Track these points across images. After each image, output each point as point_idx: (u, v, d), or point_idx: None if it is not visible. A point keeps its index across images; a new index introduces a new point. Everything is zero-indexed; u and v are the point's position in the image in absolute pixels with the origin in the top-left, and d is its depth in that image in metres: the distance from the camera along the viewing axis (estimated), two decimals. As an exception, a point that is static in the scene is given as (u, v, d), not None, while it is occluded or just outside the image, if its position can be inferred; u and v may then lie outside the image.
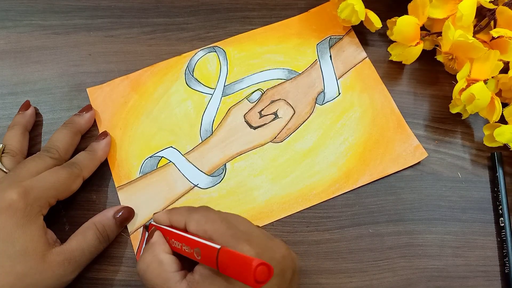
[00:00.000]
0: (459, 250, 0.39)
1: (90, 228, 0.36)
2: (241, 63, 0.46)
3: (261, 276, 0.24)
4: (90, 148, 0.40)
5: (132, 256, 0.38)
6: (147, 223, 0.39)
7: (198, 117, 0.43)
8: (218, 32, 0.47)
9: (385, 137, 0.43)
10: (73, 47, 0.46)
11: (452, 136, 0.43)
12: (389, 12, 0.47)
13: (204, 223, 0.30)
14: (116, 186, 0.41)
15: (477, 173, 0.42)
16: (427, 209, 0.41)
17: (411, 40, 0.42)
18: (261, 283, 0.24)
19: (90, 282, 0.37)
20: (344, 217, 0.40)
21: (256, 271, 0.24)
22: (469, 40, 0.38)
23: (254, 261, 0.24)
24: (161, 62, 0.45)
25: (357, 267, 0.39)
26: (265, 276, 0.24)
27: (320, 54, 0.46)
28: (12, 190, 0.33)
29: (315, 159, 0.42)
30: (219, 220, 0.30)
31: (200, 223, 0.31)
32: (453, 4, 0.41)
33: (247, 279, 0.24)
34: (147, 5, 0.48)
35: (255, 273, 0.24)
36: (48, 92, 0.44)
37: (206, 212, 0.32)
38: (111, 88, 0.44)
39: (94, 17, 0.47)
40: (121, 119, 0.43)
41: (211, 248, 0.28)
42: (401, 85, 0.45)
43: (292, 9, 0.48)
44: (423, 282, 0.38)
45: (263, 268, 0.24)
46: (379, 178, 0.41)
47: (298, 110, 0.44)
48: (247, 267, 0.24)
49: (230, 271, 0.26)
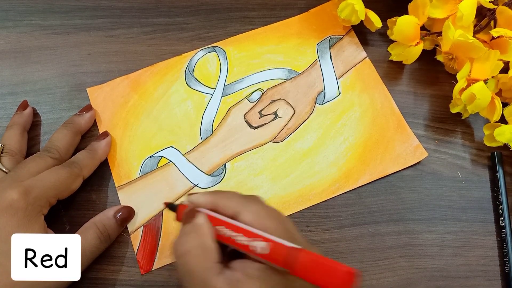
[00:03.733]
0: (459, 250, 0.39)
1: (91, 228, 0.36)
2: (241, 63, 0.46)
3: (349, 284, 0.23)
4: (90, 147, 0.40)
5: (132, 256, 0.38)
6: (174, 203, 0.33)
7: (198, 117, 0.43)
8: (218, 32, 0.47)
9: (385, 137, 0.43)
10: (73, 47, 0.46)
11: (452, 136, 0.43)
12: (389, 11, 0.47)
13: (264, 217, 0.28)
14: (116, 186, 0.41)
15: (477, 172, 0.42)
16: (427, 208, 0.41)
17: (411, 40, 0.42)
18: None
19: (90, 282, 0.37)
20: (344, 217, 0.40)
21: (345, 277, 0.23)
22: (469, 40, 0.38)
23: (342, 267, 0.23)
24: (161, 62, 0.45)
25: (357, 267, 0.38)
26: (353, 284, 0.23)
27: (320, 54, 0.46)
28: (13, 190, 0.33)
29: (315, 159, 0.42)
30: (276, 217, 0.28)
31: (260, 215, 0.28)
32: (453, 4, 0.41)
33: (333, 285, 0.23)
34: (147, 5, 0.48)
35: (343, 280, 0.23)
36: (48, 92, 0.44)
37: (264, 205, 0.29)
38: (111, 88, 0.44)
39: (94, 17, 0.47)
40: (121, 119, 0.43)
41: (287, 248, 0.25)
42: (401, 85, 0.45)
43: (292, 9, 0.48)
44: (423, 282, 0.38)
45: (351, 276, 0.23)
46: (379, 178, 0.41)
47: (298, 110, 0.44)
48: (335, 274, 0.23)
49: (310, 276, 0.24)
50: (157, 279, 0.38)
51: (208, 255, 0.27)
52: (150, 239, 0.39)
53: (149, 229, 0.39)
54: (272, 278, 0.26)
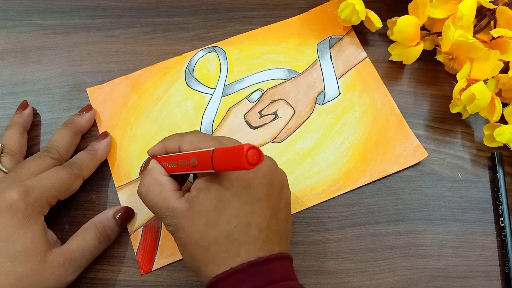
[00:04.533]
0: (459, 250, 0.39)
1: (90, 228, 0.36)
2: (241, 63, 0.46)
3: (253, 158, 0.26)
4: (90, 148, 0.40)
5: (132, 256, 0.38)
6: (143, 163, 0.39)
7: (198, 117, 0.43)
8: (218, 32, 0.47)
9: (385, 137, 0.43)
10: (73, 47, 0.46)
11: (452, 136, 0.43)
12: (389, 12, 0.47)
13: (197, 142, 0.32)
14: (116, 186, 0.41)
15: (477, 173, 0.42)
16: (427, 209, 0.41)
17: (411, 40, 0.42)
18: (253, 164, 0.26)
19: (90, 282, 0.37)
20: (344, 217, 0.40)
21: (248, 153, 0.25)
22: (469, 40, 0.38)
23: (245, 146, 0.26)
24: (161, 62, 0.45)
25: (357, 267, 0.39)
26: (257, 158, 0.26)
27: (320, 54, 0.46)
28: (13, 190, 0.33)
29: (315, 159, 0.42)
30: (210, 138, 0.33)
31: (193, 142, 0.33)
32: (453, 4, 0.41)
33: (241, 164, 0.26)
34: (147, 5, 0.48)
35: (247, 156, 0.25)
36: (48, 92, 0.44)
37: (198, 133, 0.34)
38: (111, 88, 0.44)
39: (94, 17, 0.47)
40: (121, 119, 0.43)
41: (206, 152, 0.29)
42: (401, 85, 0.45)
43: (292, 9, 0.48)
44: (423, 282, 0.38)
45: (253, 151, 0.26)
46: (379, 178, 0.41)
47: (298, 110, 0.44)
48: (239, 153, 0.26)
49: (224, 164, 0.28)
50: (157, 279, 0.38)
51: (163, 187, 0.32)
52: (150, 240, 0.39)
53: (149, 229, 0.39)
54: (213, 184, 0.30)
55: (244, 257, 0.29)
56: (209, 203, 0.30)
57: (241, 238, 0.30)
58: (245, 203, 0.30)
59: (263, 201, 0.31)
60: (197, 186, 0.31)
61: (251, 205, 0.30)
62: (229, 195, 0.30)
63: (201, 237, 0.30)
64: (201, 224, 0.30)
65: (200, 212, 0.30)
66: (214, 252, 0.30)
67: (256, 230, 0.30)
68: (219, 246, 0.30)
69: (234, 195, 0.30)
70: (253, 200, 0.30)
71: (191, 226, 0.30)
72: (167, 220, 0.32)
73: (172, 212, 0.31)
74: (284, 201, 0.33)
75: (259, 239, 0.30)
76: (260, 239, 0.30)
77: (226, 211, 0.30)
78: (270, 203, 0.31)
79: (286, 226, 0.33)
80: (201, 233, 0.30)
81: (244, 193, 0.30)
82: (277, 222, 0.31)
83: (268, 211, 0.31)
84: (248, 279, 0.29)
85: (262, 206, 0.31)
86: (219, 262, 0.29)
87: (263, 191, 0.31)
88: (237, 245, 0.30)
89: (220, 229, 0.30)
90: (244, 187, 0.30)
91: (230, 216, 0.30)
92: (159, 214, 0.32)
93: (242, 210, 0.30)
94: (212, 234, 0.30)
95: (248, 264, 0.29)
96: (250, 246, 0.30)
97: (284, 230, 0.32)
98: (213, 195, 0.30)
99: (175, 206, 0.31)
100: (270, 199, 0.31)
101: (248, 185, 0.31)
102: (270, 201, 0.31)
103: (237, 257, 0.29)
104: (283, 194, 0.33)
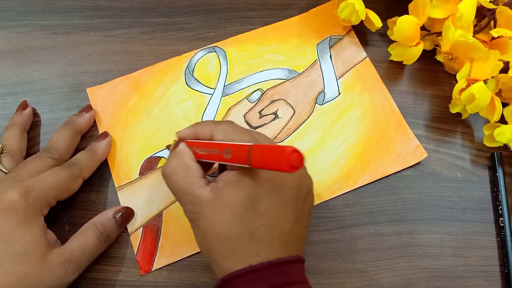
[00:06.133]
0: (459, 250, 0.39)
1: (90, 228, 0.36)
2: (241, 63, 0.46)
3: (296, 162, 0.25)
4: (90, 148, 0.40)
5: (132, 256, 0.38)
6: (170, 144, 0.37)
7: (198, 117, 0.43)
8: (218, 32, 0.47)
9: (385, 137, 0.43)
10: (73, 47, 0.46)
11: (452, 136, 0.43)
12: (389, 12, 0.47)
13: (232, 134, 0.32)
14: (116, 186, 0.41)
15: (477, 173, 0.42)
16: (427, 209, 0.41)
17: (411, 40, 0.42)
18: (295, 168, 0.25)
19: (90, 282, 0.37)
20: (344, 217, 0.40)
21: (291, 156, 0.25)
22: (469, 40, 0.38)
23: (288, 148, 0.25)
24: (161, 62, 0.45)
25: (357, 267, 0.39)
26: (299, 162, 0.25)
27: (320, 54, 0.46)
28: (13, 190, 0.33)
29: (315, 159, 0.42)
30: (244, 131, 0.32)
31: (227, 132, 0.32)
32: (453, 4, 0.41)
33: (283, 165, 0.25)
34: (147, 5, 0.48)
35: (289, 159, 0.25)
36: (48, 92, 0.44)
37: (232, 124, 0.34)
38: (111, 88, 0.44)
39: (94, 17, 0.47)
40: (121, 119, 0.43)
41: (243, 146, 0.28)
42: (401, 85, 0.45)
43: (292, 9, 0.48)
44: (423, 282, 0.38)
45: (297, 155, 0.25)
46: (379, 178, 0.41)
47: (298, 110, 0.44)
48: (282, 155, 0.25)
49: (263, 163, 0.27)
50: (157, 279, 0.38)
51: (190, 172, 0.32)
52: (150, 240, 0.39)
53: (149, 229, 0.39)
54: (245, 179, 0.30)
55: (264, 256, 0.29)
56: (237, 198, 0.30)
57: (263, 239, 0.30)
58: (273, 204, 0.30)
59: (289, 206, 0.31)
60: (226, 178, 0.31)
61: (277, 208, 0.30)
62: (258, 194, 0.30)
63: (223, 230, 0.30)
64: (225, 217, 0.30)
65: (226, 205, 0.30)
66: (234, 247, 0.30)
67: (278, 233, 0.30)
68: (241, 242, 0.29)
69: (263, 195, 0.30)
70: (280, 203, 0.30)
71: (214, 217, 0.30)
72: (188, 206, 0.31)
73: (195, 199, 0.31)
74: (307, 208, 0.33)
75: (280, 241, 0.30)
76: (281, 242, 0.30)
77: (253, 210, 0.30)
78: (295, 208, 0.31)
79: (305, 231, 0.33)
80: (223, 226, 0.30)
81: (273, 195, 0.30)
82: (298, 228, 0.32)
83: (292, 217, 0.31)
84: (265, 279, 0.29)
85: (288, 210, 0.31)
86: (239, 258, 0.29)
87: (291, 196, 0.31)
88: (258, 244, 0.29)
89: (244, 226, 0.29)
90: (274, 189, 0.30)
91: (256, 215, 0.30)
92: (181, 198, 0.32)
93: (268, 211, 0.30)
94: (236, 229, 0.29)
95: (268, 263, 0.29)
96: (270, 247, 0.30)
97: (303, 235, 0.33)
98: (242, 191, 0.30)
99: (199, 194, 0.30)
100: (296, 204, 0.31)
101: (278, 188, 0.30)
102: (295, 206, 0.31)
103: (257, 256, 0.29)
104: (307, 201, 0.33)
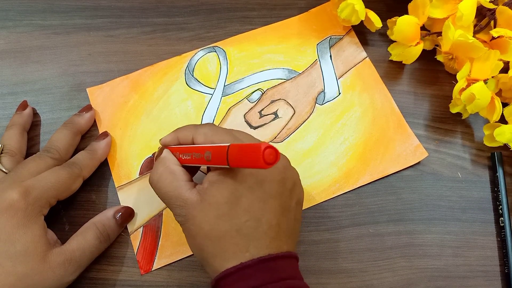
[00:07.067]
0: (459, 250, 0.39)
1: (90, 228, 0.36)
2: (241, 63, 0.46)
3: (270, 157, 0.26)
4: (90, 148, 0.40)
5: (132, 256, 0.38)
6: (155, 153, 0.38)
7: (198, 117, 0.43)
8: (218, 32, 0.47)
9: (385, 137, 0.43)
10: (73, 47, 0.46)
11: (452, 136, 0.43)
12: (389, 12, 0.47)
13: (212, 135, 0.32)
14: (116, 186, 0.41)
15: (477, 173, 0.42)
16: (427, 209, 0.41)
17: (411, 40, 0.42)
18: (270, 164, 0.26)
19: (90, 282, 0.37)
20: (344, 217, 0.40)
21: (265, 153, 0.25)
22: (469, 40, 0.38)
23: (262, 144, 0.26)
24: (161, 62, 0.45)
25: (357, 267, 0.39)
26: (273, 158, 0.26)
27: (320, 54, 0.46)
28: (13, 190, 0.33)
29: (315, 159, 0.42)
30: (224, 132, 0.33)
31: (207, 135, 0.33)
32: (453, 4, 0.41)
33: (257, 162, 0.26)
34: (147, 5, 0.48)
35: (263, 155, 0.25)
36: (48, 92, 0.44)
37: (212, 126, 0.34)
38: (111, 88, 0.44)
39: (94, 17, 0.47)
40: (121, 119, 0.43)
41: (221, 147, 0.29)
42: (401, 85, 0.45)
43: (292, 9, 0.48)
44: (423, 282, 0.38)
45: (270, 150, 0.26)
46: (379, 178, 0.41)
47: (298, 110, 0.44)
48: (256, 152, 0.26)
49: (240, 162, 0.28)
50: (157, 279, 0.38)
51: (176, 176, 0.33)
52: (150, 239, 0.39)
53: (149, 229, 0.39)
54: (227, 177, 0.30)
55: (253, 252, 0.30)
56: (221, 196, 0.30)
57: (251, 234, 0.30)
58: (257, 199, 0.30)
59: (274, 199, 0.31)
60: (210, 179, 0.31)
61: (263, 201, 0.31)
62: (241, 190, 0.30)
63: (212, 229, 0.30)
64: (212, 216, 0.30)
65: (212, 204, 0.30)
66: (223, 245, 0.30)
67: (265, 226, 0.30)
68: (229, 239, 0.30)
69: (247, 190, 0.30)
70: (265, 196, 0.31)
71: (202, 217, 0.30)
72: (177, 209, 0.32)
73: (183, 202, 0.31)
74: (295, 200, 0.33)
75: (268, 235, 0.30)
76: (269, 235, 0.30)
77: (238, 205, 0.30)
78: (281, 201, 0.31)
79: (295, 225, 0.33)
80: (211, 225, 0.30)
81: (257, 189, 0.31)
82: (286, 221, 0.32)
83: (279, 209, 0.31)
84: (256, 275, 0.29)
85: (273, 203, 0.31)
86: (228, 255, 0.30)
87: (275, 189, 0.31)
88: (247, 240, 0.30)
89: (231, 223, 0.30)
90: (257, 183, 0.31)
91: (241, 211, 0.30)
92: (169, 203, 0.32)
93: (253, 205, 0.30)
94: (223, 226, 0.30)
95: (258, 260, 0.29)
96: (259, 242, 0.30)
97: (293, 229, 0.33)
98: (225, 188, 0.30)
99: (186, 197, 0.31)
100: (282, 197, 0.32)
101: (261, 181, 0.31)
102: (281, 199, 0.31)
103: (246, 252, 0.30)
104: (294, 193, 0.33)
